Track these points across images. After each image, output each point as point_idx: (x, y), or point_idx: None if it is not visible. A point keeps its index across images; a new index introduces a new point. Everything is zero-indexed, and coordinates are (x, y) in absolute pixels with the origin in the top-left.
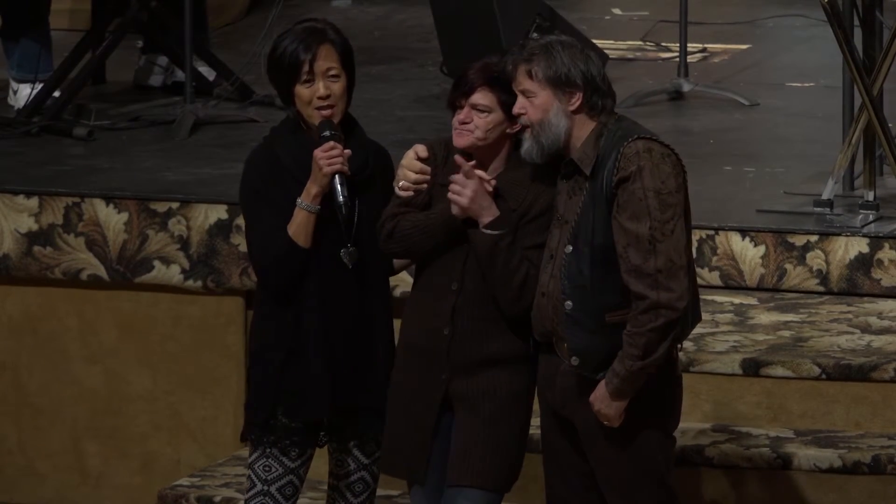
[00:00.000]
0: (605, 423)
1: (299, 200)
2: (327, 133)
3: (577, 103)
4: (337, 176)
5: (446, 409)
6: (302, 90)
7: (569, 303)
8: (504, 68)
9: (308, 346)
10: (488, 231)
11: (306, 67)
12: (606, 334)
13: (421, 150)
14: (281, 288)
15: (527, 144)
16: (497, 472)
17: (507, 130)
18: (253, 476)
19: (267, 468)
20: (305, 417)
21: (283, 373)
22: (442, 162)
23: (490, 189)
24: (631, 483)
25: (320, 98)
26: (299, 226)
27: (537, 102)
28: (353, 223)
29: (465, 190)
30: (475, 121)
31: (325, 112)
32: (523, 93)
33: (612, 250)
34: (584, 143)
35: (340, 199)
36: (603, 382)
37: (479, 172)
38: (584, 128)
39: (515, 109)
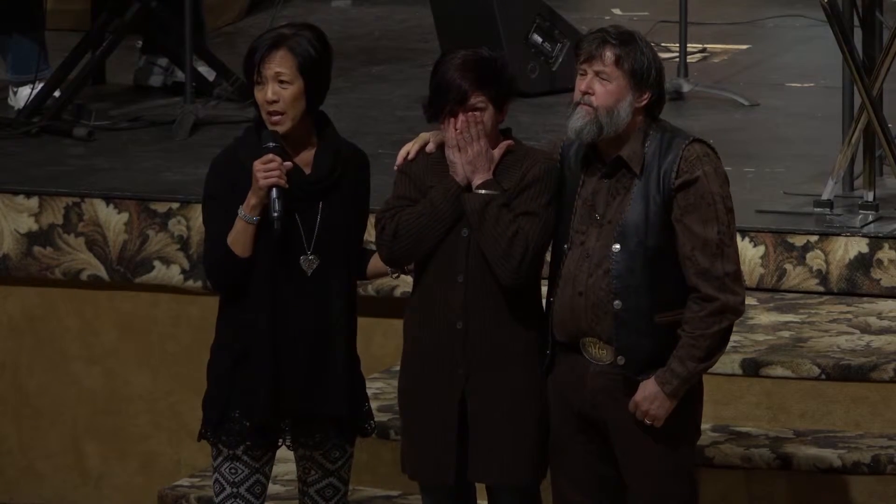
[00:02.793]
0: (651, 422)
1: (240, 209)
2: (269, 144)
3: (645, 102)
4: (274, 190)
5: (462, 405)
6: (256, 93)
7: (618, 302)
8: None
9: (255, 348)
10: (480, 191)
11: (256, 70)
12: (654, 335)
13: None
14: (222, 290)
15: (580, 123)
16: (536, 460)
17: (499, 124)
18: (221, 479)
19: (233, 470)
20: (253, 420)
21: (234, 374)
22: (424, 167)
23: (495, 156)
24: (664, 481)
25: (267, 102)
26: (237, 234)
27: (611, 88)
28: (314, 228)
29: (473, 144)
30: None
31: (275, 118)
32: (598, 73)
33: (665, 251)
34: (631, 141)
35: (275, 213)
36: (650, 383)
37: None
38: (634, 126)
39: (583, 87)
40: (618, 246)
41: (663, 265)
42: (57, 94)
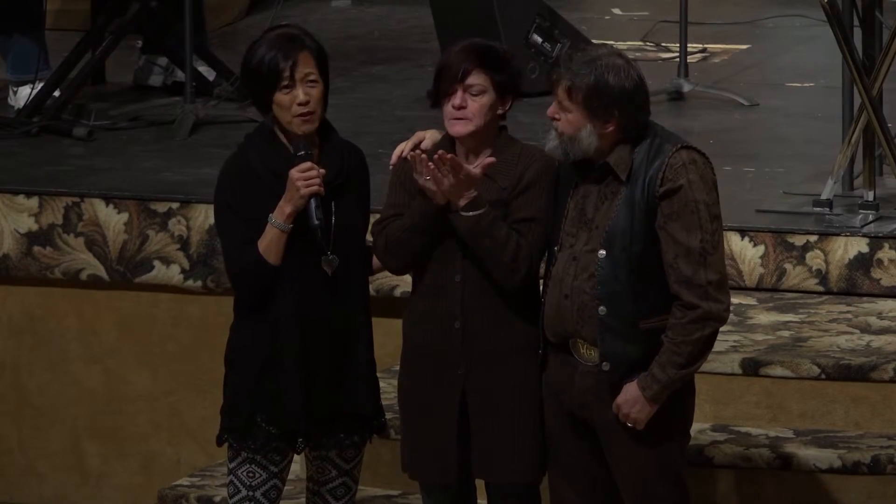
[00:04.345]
0: (632, 425)
1: (271, 217)
2: (302, 153)
3: (611, 129)
4: (313, 198)
5: (462, 404)
6: (281, 97)
7: (602, 308)
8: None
9: (284, 354)
10: (466, 213)
11: (287, 74)
12: (639, 341)
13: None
14: (251, 298)
15: (551, 145)
16: (536, 458)
17: (499, 111)
18: (237, 482)
19: (251, 474)
20: (282, 426)
21: (260, 380)
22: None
23: (479, 175)
24: (650, 481)
25: (300, 104)
26: (270, 243)
27: (570, 118)
28: (330, 230)
29: (444, 180)
30: (470, 106)
31: (307, 118)
32: (559, 103)
33: (650, 257)
34: (618, 149)
35: (316, 221)
36: (632, 386)
37: (466, 168)
38: (616, 139)
39: (549, 112)
40: (603, 252)
41: (648, 272)
42: (57, 93)
